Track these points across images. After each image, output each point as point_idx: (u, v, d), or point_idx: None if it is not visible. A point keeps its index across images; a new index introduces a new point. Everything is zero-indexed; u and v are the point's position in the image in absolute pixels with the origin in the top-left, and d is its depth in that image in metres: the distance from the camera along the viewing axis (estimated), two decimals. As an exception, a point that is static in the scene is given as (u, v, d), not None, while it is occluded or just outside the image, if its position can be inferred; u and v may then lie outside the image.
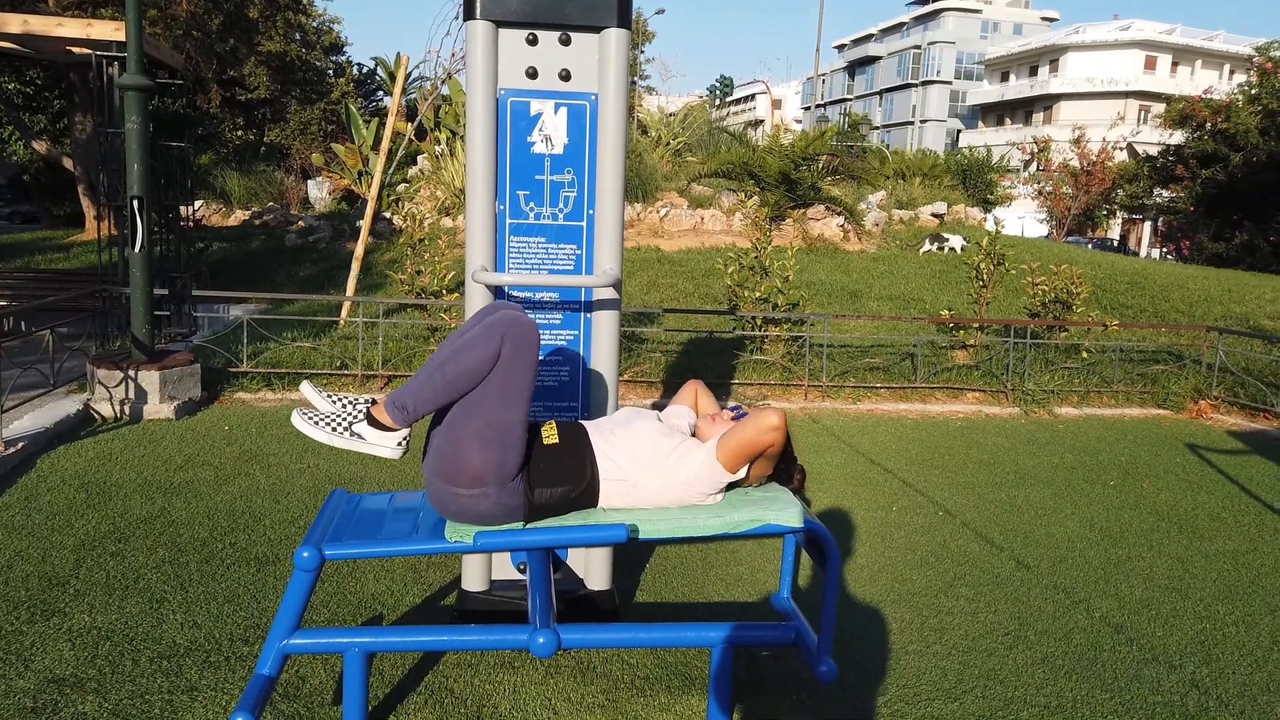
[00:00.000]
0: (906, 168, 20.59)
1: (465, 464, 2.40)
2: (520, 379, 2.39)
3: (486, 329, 2.38)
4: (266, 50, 23.99)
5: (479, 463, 2.39)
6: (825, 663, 2.56)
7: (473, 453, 2.39)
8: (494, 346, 2.35)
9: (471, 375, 2.37)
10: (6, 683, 2.78)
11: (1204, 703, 3.06)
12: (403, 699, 2.82)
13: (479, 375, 2.37)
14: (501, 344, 2.36)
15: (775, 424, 2.49)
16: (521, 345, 2.37)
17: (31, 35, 8.44)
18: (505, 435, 2.41)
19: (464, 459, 2.40)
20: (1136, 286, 12.94)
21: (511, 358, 2.37)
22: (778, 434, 2.51)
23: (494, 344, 2.35)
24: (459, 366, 2.37)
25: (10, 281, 9.46)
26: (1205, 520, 4.99)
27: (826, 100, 68.00)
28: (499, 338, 2.36)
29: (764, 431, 2.49)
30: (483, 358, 2.36)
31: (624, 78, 3.01)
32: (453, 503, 2.45)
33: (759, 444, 2.51)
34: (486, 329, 2.38)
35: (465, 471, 2.40)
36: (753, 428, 2.50)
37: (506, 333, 2.36)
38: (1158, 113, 30.77)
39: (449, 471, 2.42)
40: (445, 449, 2.43)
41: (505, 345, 2.36)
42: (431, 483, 2.48)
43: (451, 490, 2.43)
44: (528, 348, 2.38)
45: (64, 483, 4.59)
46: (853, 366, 8.09)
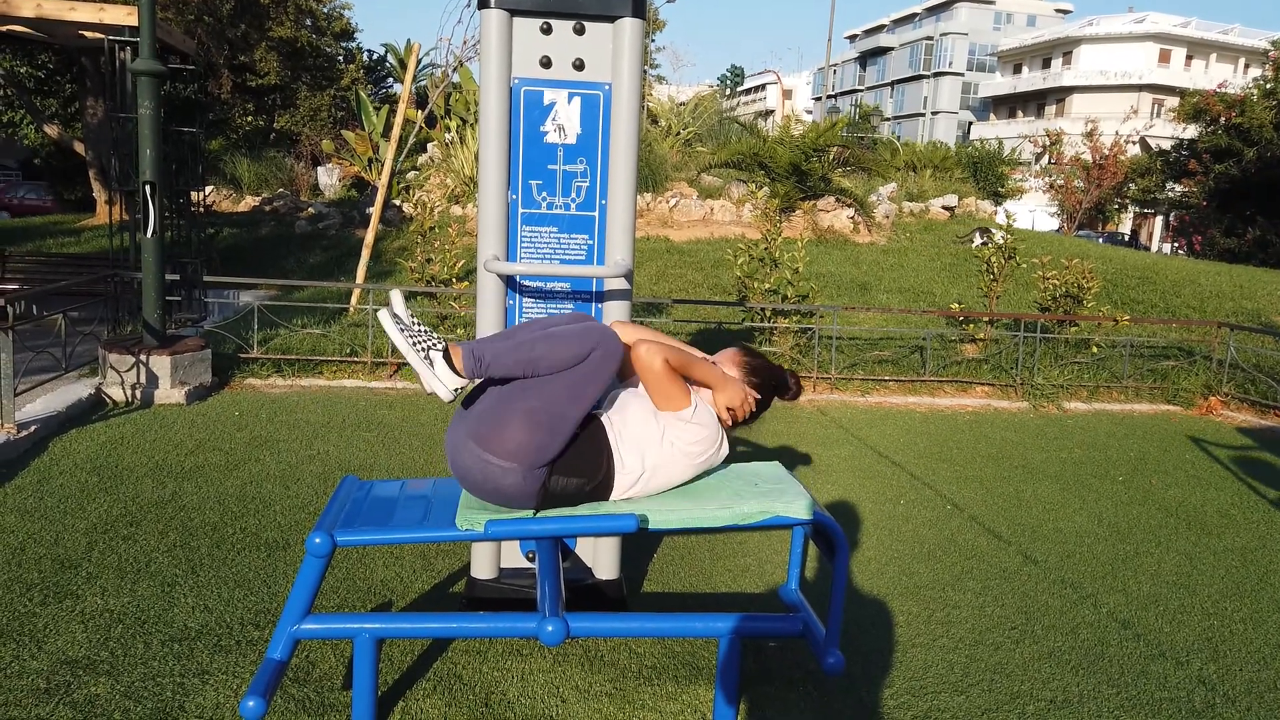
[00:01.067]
0: (917, 160, 20.50)
1: (507, 435, 2.42)
2: (594, 387, 2.46)
3: (586, 331, 2.46)
4: (277, 36, 23.96)
5: (521, 438, 2.42)
6: (832, 654, 2.57)
7: (518, 427, 2.42)
8: (587, 349, 2.43)
9: (553, 365, 2.43)
10: (20, 664, 2.81)
11: (1211, 699, 3.07)
12: (412, 685, 2.84)
13: (558, 367, 2.44)
14: (594, 349, 2.44)
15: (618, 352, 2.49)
16: (609, 359, 2.46)
17: (44, 19, 8.45)
18: (556, 424, 2.44)
19: (508, 429, 2.42)
20: (1148, 281, 12.89)
21: (597, 365, 2.44)
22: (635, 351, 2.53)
23: (588, 347, 2.44)
24: (548, 352, 2.43)
25: (23, 266, 9.50)
26: (1214, 517, 4.98)
27: (837, 91, 67.69)
28: (595, 344, 2.44)
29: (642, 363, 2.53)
30: (572, 355, 2.43)
31: (638, 68, 3.01)
32: (477, 469, 2.46)
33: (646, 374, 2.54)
34: (586, 331, 2.46)
35: (504, 442, 2.42)
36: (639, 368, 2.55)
37: (602, 342, 2.45)
38: (1171, 106, 30.60)
39: (488, 437, 2.43)
40: (492, 414, 2.45)
41: (596, 352, 2.44)
42: (462, 444, 2.47)
43: (482, 456, 2.44)
44: (613, 364, 2.47)
45: (76, 466, 4.62)
46: (861, 359, 8.08)
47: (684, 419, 2.55)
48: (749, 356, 2.81)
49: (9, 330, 4.90)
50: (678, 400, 2.55)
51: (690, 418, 2.56)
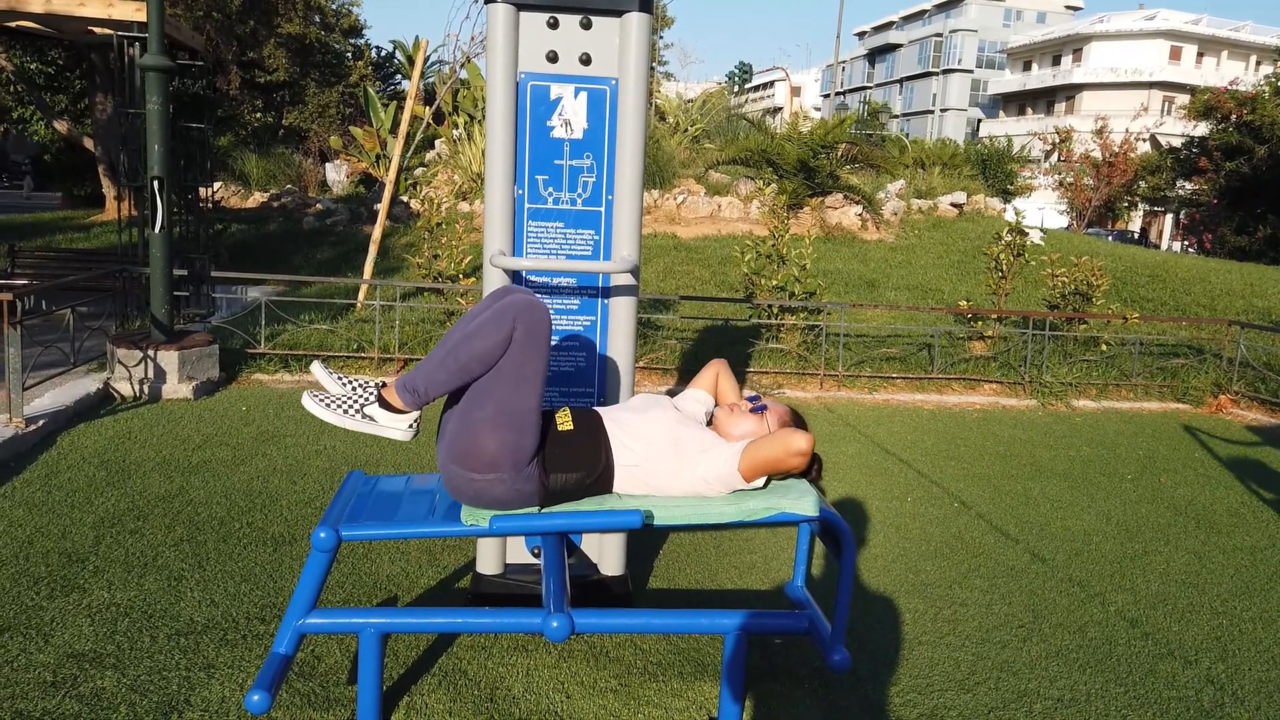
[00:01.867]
0: (926, 157, 20.42)
1: (479, 448, 2.39)
2: (533, 364, 2.38)
3: (498, 313, 2.36)
4: (286, 32, 24.00)
5: (493, 447, 2.39)
6: (839, 651, 2.56)
7: (486, 437, 2.39)
8: (505, 331, 2.33)
9: (483, 360, 2.36)
10: (27, 657, 2.82)
11: (1219, 698, 3.05)
12: (417, 680, 2.84)
13: (490, 360, 2.36)
14: (513, 329, 2.34)
15: (803, 449, 2.46)
16: (534, 330, 2.35)
17: (54, 15, 8.48)
18: (518, 420, 2.40)
19: (477, 444, 2.39)
20: (1157, 279, 12.82)
21: (524, 342, 2.35)
22: (803, 460, 2.49)
23: (506, 329, 2.33)
24: (470, 351, 2.36)
25: (32, 261, 9.53)
26: (1223, 516, 4.96)
27: (846, 88, 67.51)
28: (511, 322, 2.34)
29: (791, 455, 2.48)
30: (494, 342, 2.34)
31: (645, 62, 2.99)
32: (467, 487, 2.46)
33: (784, 465, 2.50)
34: (498, 313, 2.36)
35: (479, 456, 2.40)
36: (781, 449, 2.47)
37: (519, 317, 2.34)
38: (1182, 104, 30.43)
39: (463, 456, 2.42)
40: (459, 433, 2.43)
41: (517, 330, 2.34)
42: (446, 467, 2.48)
43: (466, 475, 2.43)
44: (540, 333, 2.36)
45: (84, 460, 4.64)
46: (869, 356, 8.06)
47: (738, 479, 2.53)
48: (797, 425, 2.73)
49: (18, 325, 4.92)
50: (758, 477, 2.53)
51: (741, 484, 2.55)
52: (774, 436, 2.51)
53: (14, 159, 29.68)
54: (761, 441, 2.51)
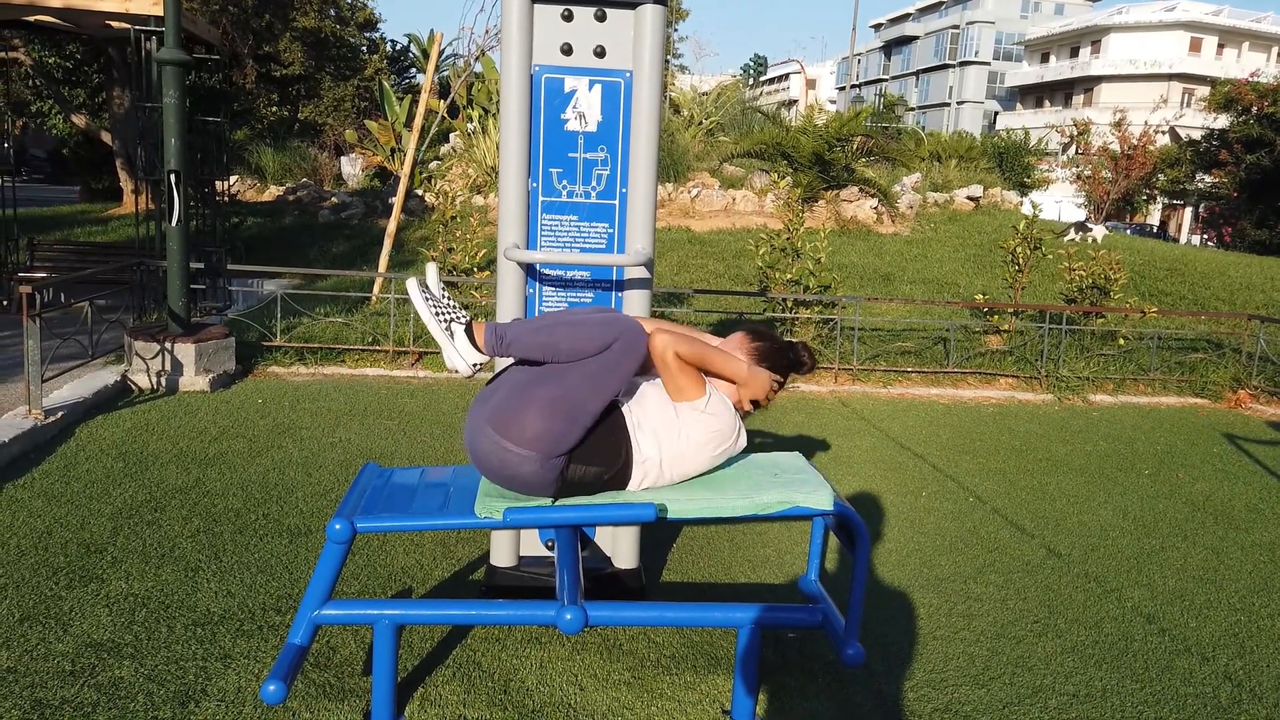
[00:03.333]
0: (942, 150, 20.30)
1: (526, 423, 2.41)
2: (614, 379, 2.45)
3: (610, 322, 2.45)
4: (301, 26, 24.08)
5: (539, 427, 2.40)
6: (852, 646, 2.55)
7: (536, 415, 2.41)
8: (609, 339, 2.42)
9: (574, 353, 2.43)
10: (46, 646, 2.85)
11: (1237, 695, 3.02)
12: (431, 671, 2.86)
13: (579, 355, 2.43)
14: (616, 340, 2.42)
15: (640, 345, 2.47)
16: (631, 351, 2.44)
17: (71, 9, 8.52)
18: (576, 414, 2.43)
19: (526, 417, 2.41)
20: (1176, 273, 12.71)
21: (618, 356, 2.43)
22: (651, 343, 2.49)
23: (610, 338, 2.42)
24: (570, 339, 2.43)
25: (51, 254, 9.60)
26: (1242, 511, 4.92)
27: (862, 81, 67.17)
28: (617, 335, 2.43)
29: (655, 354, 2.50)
30: (594, 343, 2.42)
31: (659, 54, 2.98)
32: (495, 455, 2.45)
33: (659, 365, 2.51)
34: (610, 322, 2.45)
35: (522, 430, 2.41)
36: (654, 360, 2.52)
37: (625, 334, 2.43)
38: (1202, 96, 30.15)
39: (507, 424, 2.42)
40: (511, 401, 2.44)
41: (618, 343, 2.43)
42: (480, 429, 2.47)
43: (500, 443, 2.43)
44: (636, 356, 2.45)
45: (102, 452, 4.68)
46: (884, 350, 8.03)
47: (698, 409, 2.53)
48: (758, 340, 2.74)
49: (37, 317, 4.96)
50: (690, 391, 2.53)
51: (705, 408, 2.53)
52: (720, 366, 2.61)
53: (32, 153, 29.90)
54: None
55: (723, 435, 2.57)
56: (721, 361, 2.59)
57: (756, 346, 2.73)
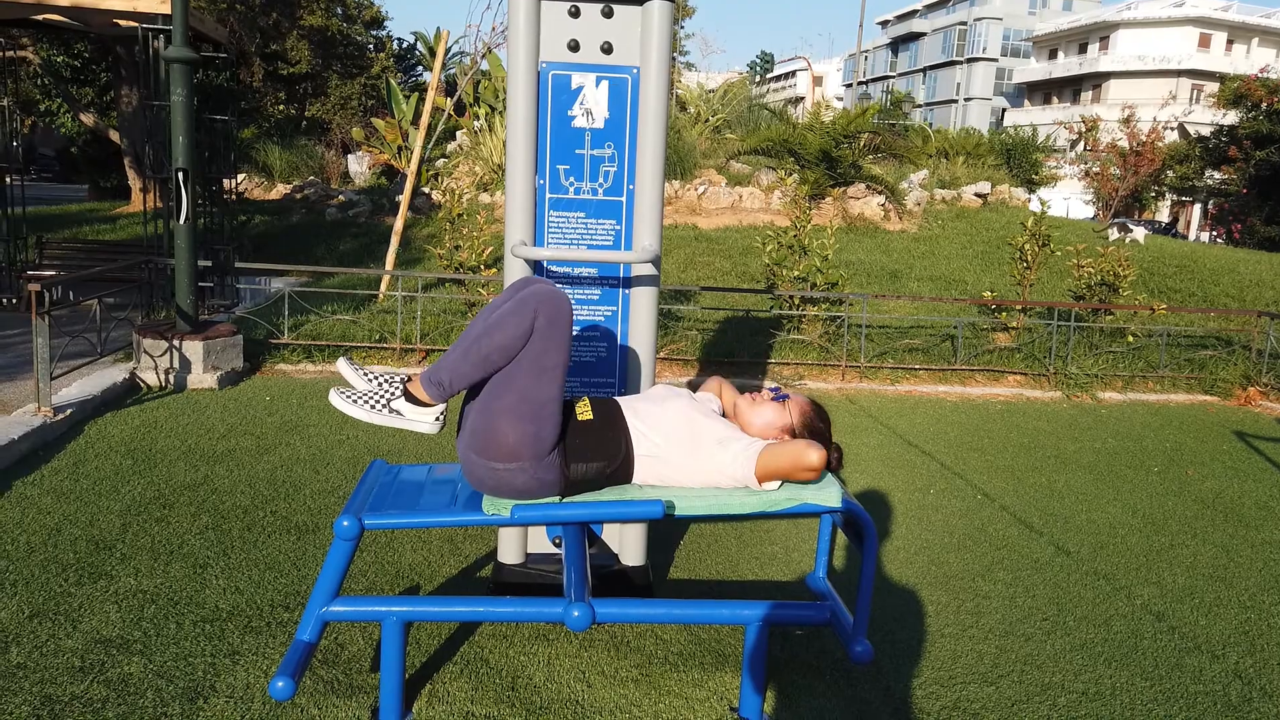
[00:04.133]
0: (949, 147, 20.24)
1: (500, 438, 2.40)
2: (554, 354, 2.39)
3: (520, 304, 2.37)
4: (308, 24, 24.13)
5: (514, 437, 2.40)
6: (860, 643, 2.55)
7: (506, 427, 2.39)
8: (528, 321, 2.34)
9: (505, 350, 2.37)
10: (56, 642, 2.86)
11: (1247, 693, 3.01)
12: (439, 668, 2.86)
13: (512, 350, 2.37)
14: (535, 318, 2.35)
15: (814, 465, 2.45)
16: (555, 320, 2.36)
17: (79, 8, 8.55)
18: (539, 410, 2.41)
19: (498, 433, 2.40)
20: (1185, 270, 12.66)
21: (546, 332, 2.36)
22: (812, 475, 2.48)
23: (527, 319, 2.34)
24: (492, 342, 2.37)
25: (60, 252, 9.64)
26: (1252, 509, 4.89)
27: (869, 77, 67.02)
28: (533, 312, 2.34)
29: (800, 469, 2.47)
30: (516, 333, 2.35)
31: (666, 51, 2.98)
32: (489, 477, 2.46)
33: (794, 476, 2.50)
34: (520, 304, 2.37)
35: (500, 446, 2.40)
36: (791, 462, 2.47)
37: (540, 307, 2.35)
38: (1211, 92, 30.00)
39: (484, 447, 2.42)
40: (479, 424, 2.43)
41: (539, 320, 2.35)
42: (467, 458, 2.48)
43: (487, 465, 2.44)
44: (561, 322, 2.37)
45: (111, 449, 4.69)
46: (891, 347, 8.01)
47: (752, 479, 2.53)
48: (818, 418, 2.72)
49: (46, 315, 4.97)
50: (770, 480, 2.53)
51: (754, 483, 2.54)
52: (788, 447, 2.50)
53: (41, 152, 30.02)
54: (776, 449, 2.51)
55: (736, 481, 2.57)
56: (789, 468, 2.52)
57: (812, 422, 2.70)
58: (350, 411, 2.48)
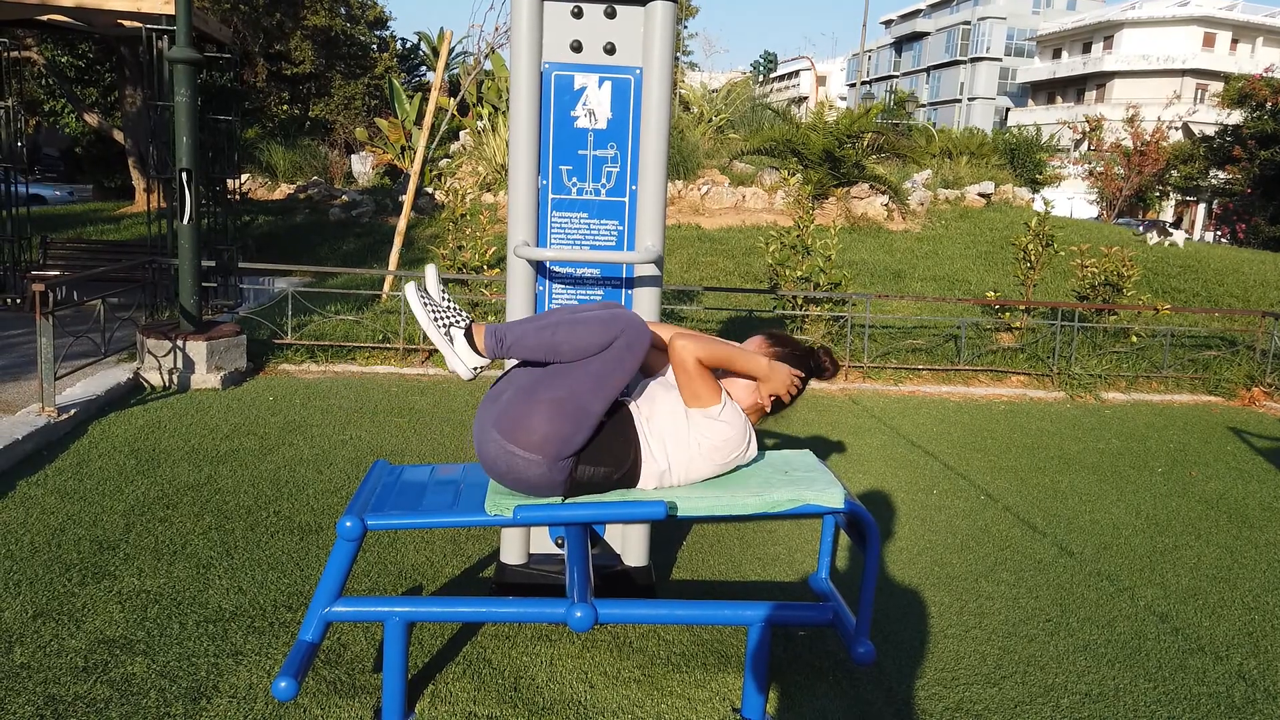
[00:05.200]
0: (953, 146, 20.23)
1: (531, 426, 2.40)
2: (619, 377, 2.43)
3: (611, 318, 2.42)
4: (312, 24, 24.14)
5: (545, 430, 2.40)
6: (863, 644, 2.54)
7: (542, 418, 2.40)
8: (611, 336, 2.40)
9: (576, 351, 2.41)
10: (59, 642, 2.86)
11: (1251, 695, 3.00)
12: (441, 668, 2.86)
13: (582, 354, 2.41)
14: (618, 338, 2.40)
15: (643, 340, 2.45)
16: (634, 347, 2.42)
17: (84, 8, 8.57)
18: (581, 416, 2.41)
19: (532, 421, 2.40)
20: (1189, 270, 12.64)
21: (621, 353, 2.41)
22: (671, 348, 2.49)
23: (612, 334, 2.40)
24: (571, 337, 2.40)
25: (63, 252, 9.66)
26: (1256, 510, 4.88)
27: (872, 77, 66.96)
28: (620, 332, 2.40)
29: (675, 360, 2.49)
30: (595, 340, 2.39)
31: (669, 51, 2.97)
32: (503, 460, 2.45)
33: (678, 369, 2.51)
34: (611, 318, 2.42)
35: (529, 433, 2.40)
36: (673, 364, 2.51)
37: (627, 330, 2.41)
38: (1215, 91, 29.93)
39: (512, 428, 2.42)
40: (516, 404, 2.43)
41: (620, 340, 2.40)
42: (486, 433, 2.47)
43: (506, 447, 2.43)
44: (638, 353, 2.43)
45: (114, 449, 4.70)
46: (895, 348, 8.00)
47: (711, 416, 2.52)
48: (777, 344, 2.75)
49: (50, 315, 4.98)
50: (706, 398, 2.52)
51: (718, 415, 2.53)
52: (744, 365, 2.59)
53: (45, 152, 30.07)
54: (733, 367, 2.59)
55: (734, 443, 2.56)
56: (743, 359, 2.58)
57: (776, 351, 2.72)
58: (417, 310, 2.50)
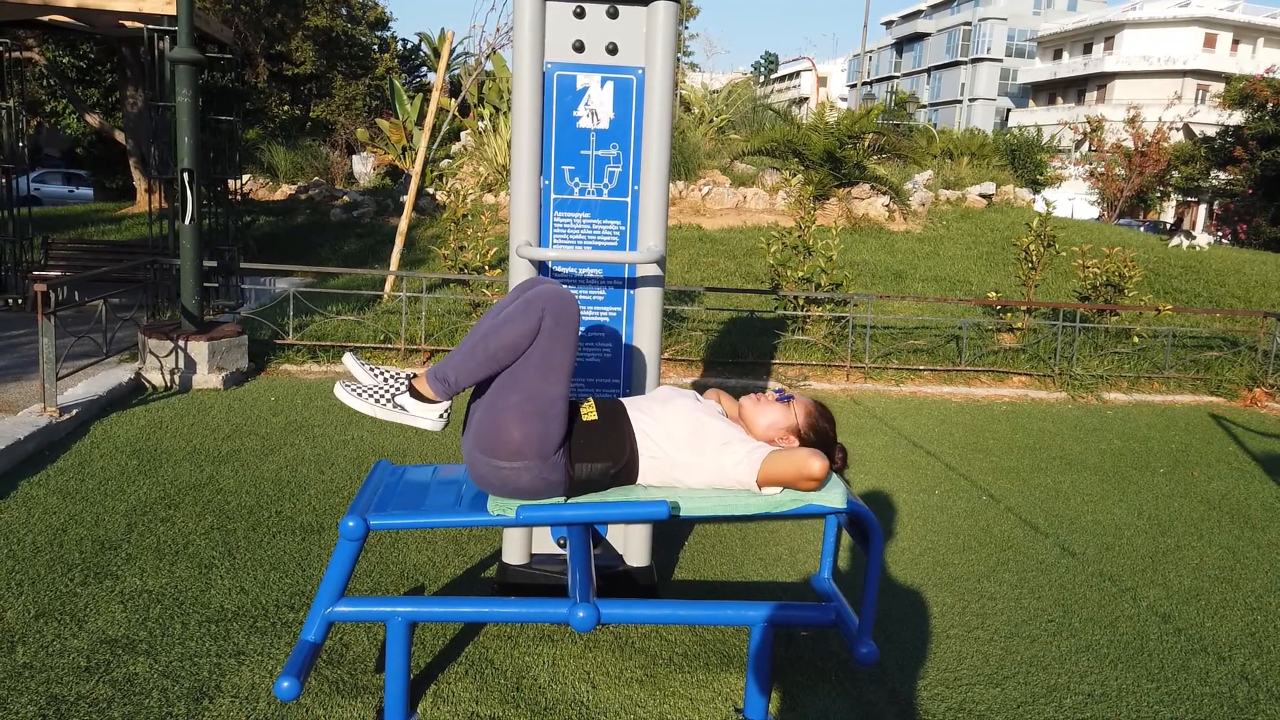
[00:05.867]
0: (954, 147, 20.21)
1: (505, 437, 2.40)
2: (561, 354, 2.40)
3: (527, 303, 2.38)
4: (313, 25, 24.16)
5: (519, 436, 2.40)
6: (866, 644, 2.54)
7: (512, 426, 2.40)
8: (534, 321, 2.35)
9: (512, 349, 2.38)
10: (62, 642, 2.86)
11: (1254, 695, 3.00)
12: (444, 668, 2.86)
13: (519, 349, 2.38)
14: (542, 318, 2.36)
15: (816, 475, 2.42)
16: (562, 320, 2.37)
17: (85, 9, 8.57)
18: (545, 409, 2.41)
19: (504, 432, 2.40)
20: (1191, 271, 12.63)
21: (553, 331, 2.37)
22: (814, 485, 2.45)
23: (534, 318, 2.35)
24: (500, 340, 2.37)
25: (65, 252, 9.66)
26: (1258, 510, 4.88)
27: (873, 78, 66.99)
28: (540, 312, 2.35)
29: (802, 478, 2.44)
30: (523, 332, 2.36)
31: (672, 51, 2.98)
32: (494, 476, 2.46)
33: (795, 485, 2.48)
34: (527, 303, 2.38)
35: (505, 444, 2.40)
36: (794, 471, 2.44)
37: (547, 307, 2.36)
38: (1216, 92, 29.94)
39: (489, 445, 2.42)
40: (485, 422, 2.44)
41: (546, 319, 2.36)
42: (472, 456, 2.48)
43: (492, 463, 2.44)
44: (568, 322, 2.38)
45: (116, 449, 4.70)
46: (896, 348, 8.00)
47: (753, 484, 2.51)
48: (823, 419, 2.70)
49: (52, 315, 4.98)
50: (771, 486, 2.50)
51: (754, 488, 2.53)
52: (792, 456, 2.46)
53: (47, 152, 30.09)
54: (779, 457, 2.48)
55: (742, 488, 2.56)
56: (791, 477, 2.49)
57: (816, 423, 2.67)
58: (355, 405, 2.48)
